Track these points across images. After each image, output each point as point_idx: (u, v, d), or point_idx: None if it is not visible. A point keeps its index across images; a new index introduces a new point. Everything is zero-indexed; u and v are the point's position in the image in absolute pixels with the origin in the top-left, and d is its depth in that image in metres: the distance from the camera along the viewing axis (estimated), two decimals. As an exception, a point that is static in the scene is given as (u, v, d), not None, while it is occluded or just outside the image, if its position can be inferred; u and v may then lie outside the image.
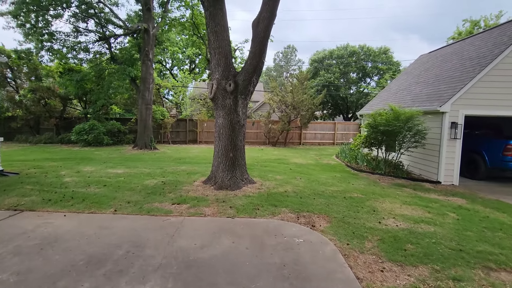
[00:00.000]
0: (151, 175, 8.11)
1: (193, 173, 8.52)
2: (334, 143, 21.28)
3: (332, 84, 24.11)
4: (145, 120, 14.26)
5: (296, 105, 17.28)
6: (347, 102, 25.85)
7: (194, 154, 13.56)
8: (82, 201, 5.51)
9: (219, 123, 6.68)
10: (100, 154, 12.68)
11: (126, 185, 6.82)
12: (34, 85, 17.32)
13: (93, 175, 7.78)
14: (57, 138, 18.02)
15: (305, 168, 10.64)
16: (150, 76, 14.30)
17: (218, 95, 6.54)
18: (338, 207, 5.59)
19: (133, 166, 9.52)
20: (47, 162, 9.92)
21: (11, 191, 5.92)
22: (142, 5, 13.77)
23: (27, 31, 12.92)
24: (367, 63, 25.18)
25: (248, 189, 6.69)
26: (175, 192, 6.33)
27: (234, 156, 6.73)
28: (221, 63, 6.55)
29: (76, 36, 14.41)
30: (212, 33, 6.51)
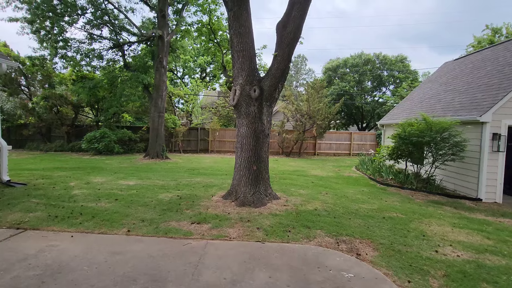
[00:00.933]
0: (165, 187, 7.53)
1: (209, 186, 7.90)
2: (351, 154, 20.47)
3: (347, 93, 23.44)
4: (157, 129, 13.83)
5: (312, 114, 16.65)
6: (362, 111, 25.08)
7: (208, 165, 12.99)
8: (91, 218, 4.93)
9: (241, 133, 6.09)
10: (111, 164, 12.22)
11: (139, 199, 6.24)
12: (47, 92, 17.21)
13: (103, 187, 7.25)
14: (68, 146, 17.76)
15: (328, 181, 9.92)
16: (164, 84, 13.94)
17: (241, 102, 5.97)
18: (380, 230, 4.86)
19: (146, 177, 8.98)
20: (56, 172, 9.47)
21: (15, 205, 5.40)
22: (157, 12, 13.56)
23: (41, 38, 12.80)
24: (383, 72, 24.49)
25: (273, 206, 6.02)
26: (193, 208, 5.71)
27: (258, 169, 6.10)
28: (245, 67, 6.01)
29: (90, 43, 14.26)
30: (236, 35, 6.00)
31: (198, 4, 10.26)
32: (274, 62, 5.93)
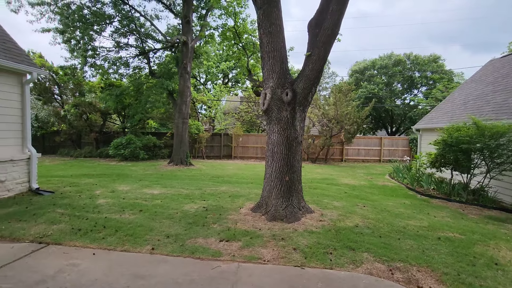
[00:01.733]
0: (190, 197, 7.18)
1: (236, 196, 7.45)
2: (381, 160, 19.29)
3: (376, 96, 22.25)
4: (181, 135, 13.70)
5: (339, 118, 15.83)
6: (392, 115, 23.71)
7: (232, 172, 12.61)
8: (114, 232, 4.62)
9: (272, 140, 5.59)
10: (136, 170, 12.19)
11: (163, 210, 5.91)
12: (77, 100, 17.80)
13: (128, 196, 7.02)
14: (96, 152, 18.21)
15: (362, 192, 9.14)
16: (188, 90, 13.84)
17: (272, 107, 5.48)
18: (439, 255, 4.12)
19: (170, 185, 8.72)
20: (83, 179, 9.49)
21: (40, 216, 5.24)
22: (182, 18, 13.54)
23: (72, 47, 13.21)
24: (415, 73, 23.04)
25: (308, 221, 5.43)
26: (220, 222, 5.26)
27: (290, 179, 5.56)
28: (276, 68, 5.53)
29: (117, 51, 14.54)
30: (266, 34, 5.55)
31: (223, 7, 10.01)
32: (308, 62, 5.39)
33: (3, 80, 6.73)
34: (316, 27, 5.84)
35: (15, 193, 6.98)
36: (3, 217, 5.11)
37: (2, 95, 6.68)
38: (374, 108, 23.66)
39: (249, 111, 22.45)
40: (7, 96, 6.82)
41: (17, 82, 7.10)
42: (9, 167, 6.84)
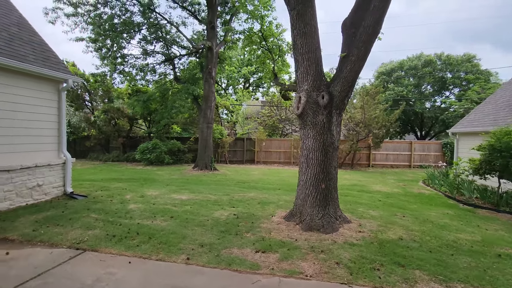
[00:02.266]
0: (218, 203, 7.04)
1: (265, 203, 7.23)
2: (411, 166, 18.33)
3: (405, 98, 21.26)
4: (206, 140, 13.73)
5: (367, 122, 15.22)
6: (422, 118, 22.57)
7: (257, 177, 12.41)
8: (148, 239, 4.54)
9: (308, 145, 5.33)
10: (162, 175, 12.32)
11: (194, 217, 5.79)
12: (106, 106, 18.46)
13: (157, 202, 7.01)
14: (123, 157, 18.72)
15: (398, 200, 8.60)
16: (212, 94, 13.89)
17: (307, 110, 5.23)
18: (505, 276, 3.66)
19: (197, 190, 8.66)
20: (113, 183, 9.67)
21: (76, 221, 5.29)
22: (207, 23, 13.67)
23: (103, 55, 13.72)
24: (446, 74, 21.83)
25: (347, 231, 5.09)
26: (253, 231, 5.05)
27: (326, 187, 5.25)
28: (311, 70, 5.29)
29: (144, 58, 14.92)
30: (300, 35, 5.33)
31: (249, 11, 9.93)
32: (347, 63, 5.10)
33: (42, 87, 6.98)
34: (351, 26, 5.57)
35: (52, 196, 7.18)
36: (42, 221, 5.21)
37: (41, 102, 6.93)
38: (403, 111, 22.65)
39: (272, 115, 22.24)
40: (45, 103, 7.07)
41: (54, 89, 7.35)
42: (46, 171, 7.05)
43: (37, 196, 6.77)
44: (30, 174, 6.62)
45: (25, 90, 6.52)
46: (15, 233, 4.64)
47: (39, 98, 6.90)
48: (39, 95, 6.89)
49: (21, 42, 6.93)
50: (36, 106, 6.81)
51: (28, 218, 5.37)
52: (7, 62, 5.88)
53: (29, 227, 4.88)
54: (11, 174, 6.16)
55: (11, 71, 6.14)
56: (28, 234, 4.61)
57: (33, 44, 7.32)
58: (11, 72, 6.16)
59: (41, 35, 7.94)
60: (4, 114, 6.06)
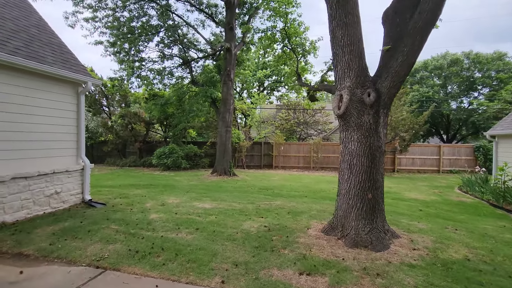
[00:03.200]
0: (244, 213, 6.48)
1: (295, 212, 6.61)
2: (440, 171, 17.22)
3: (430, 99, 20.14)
4: (225, 144, 13.27)
5: (394, 125, 14.36)
6: (448, 120, 21.36)
7: (278, 183, 11.80)
8: (175, 256, 4.02)
9: (350, 150, 4.70)
10: (181, 181, 11.91)
11: (222, 229, 5.25)
12: (123, 111, 18.40)
13: (180, 211, 6.52)
14: (140, 162, 18.55)
15: (439, 209, 7.79)
16: (231, 97, 13.46)
17: (351, 110, 4.62)
18: None
19: (219, 198, 8.14)
20: (132, 190, 9.30)
21: (95, 233, 4.85)
22: (225, 24, 13.32)
23: (121, 58, 13.59)
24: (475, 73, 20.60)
25: (399, 249, 4.41)
26: (291, 247, 4.45)
27: (374, 197, 4.60)
28: (354, 65, 4.69)
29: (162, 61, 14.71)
30: (340, 26, 4.75)
31: (272, 8, 9.45)
32: (397, 56, 4.47)
33: (61, 90, 6.69)
34: (395, 15, 4.97)
35: (70, 204, 6.83)
36: (59, 233, 4.79)
37: (60, 105, 6.62)
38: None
39: (289, 118, 21.64)
40: (64, 106, 6.76)
41: (73, 92, 7.05)
42: (64, 178, 6.72)
43: (55, 204, 6.43)
44: (48, 181, 6.29)
45: (43, 92, 6.22)
46: (31, 247, 4.23)
47: (58, 101, 6.60)
48: (57, 98, 6.59)
49: (40, 44, 6.68)
50: (54, 110, 6.51)
51: (45, 229, 4.98)
52: (24, 63, 5.58)
53: (46, 240, 4.47)
54: (28, 181, 5.84)
55: (29, 72, 5.85)
56: (44, 248, 4.19)
57: (52, 46, 7.07)
58: (29, 74, 5.87)
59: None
60: (21, 117, 5.75)
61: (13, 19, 6.67)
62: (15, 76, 5.63)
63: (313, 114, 21.54)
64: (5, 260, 3.89)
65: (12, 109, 5.60)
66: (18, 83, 5.70)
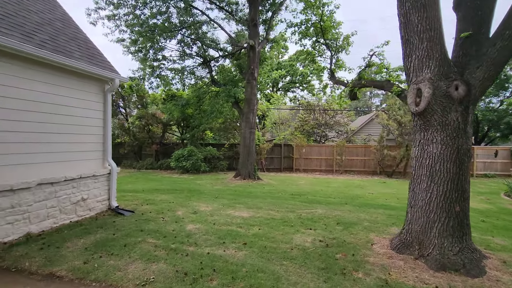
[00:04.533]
0: (289, 224, 5.80)
1: (345, 224, 5.89)
2: (473, 175, 16.15)
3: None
4: (249, 146, 12.64)
5: (428, 125, 13.46)
6: (477, 121, 20.25)
7: (308, 188, 11.07)
8: (231, 280, 3.38)
9: (432, 153, 3.98)
10: (204, 185, 11.31)
11: (272, 244, 4.58)
12: (141, 112, 18.01)
13: (217, 221, 5.88)
14: (156, 164, 18.10)
15: (500, 219, 6.97)
16: (255, 97, 12.85)
17: (433, 106, 3.89)
18: None
19: (254, 205, 7.48)
20: (156, 195, 8.74)
21: (132, 248, 4.25)
22: (248, 21, 12.73)
23: (143, 57, 13.14)
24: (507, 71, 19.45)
25: (497, 273, 3.65)
26: (363, 269, 3.74)
27: (462, 210, 3.86)
28: (435, 53, 3.97)
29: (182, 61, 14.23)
30: (416, 8, 4.05)
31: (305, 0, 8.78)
32: (495, 41, 3.73)
33: (87, 87, 6.17)
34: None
35: (96, 212, 6.29)
36: (92, 248, 4.21)
37: (86, 104, 6.10)
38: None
39: (309, 120, 20.90)
40: (90, 105, 6.24)
41: (99, 90, 6.53)
42: (91, 183, 6.18)
43: (81, 212, 5.89)
44: (74, 186, 5.75)
45: (70, 90, 5.69)
46: (63, 266, 3.65)
47: (84, 100, 6.08)
48: (84, 96, 6.07)
49: (66, 38, 6.18)
50: (81, 109, 5.98)
51: (75, 243, 4.41)
52: (53, 58, 5.06)
53: (79, 257, 3.89)
54: (54, 187, 5.30)
55: (55, 68, 5.33)
56: (79, 268, 3.60)
57: (78, 40, 6.57)
58: (55, 70, 5.35)
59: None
60: (47, 117, 5.23)
61: (38, 12, 6.19)
62: (41, 72, 5.11)
63: (333, 115, 20.74)
64: (36, 283, 3.31)
65: (40, 108, 5.08)
66: (44, 79, 5.19)
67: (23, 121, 4.79)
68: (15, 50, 4.47)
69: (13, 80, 4.63)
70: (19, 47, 4.48)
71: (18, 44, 4.49)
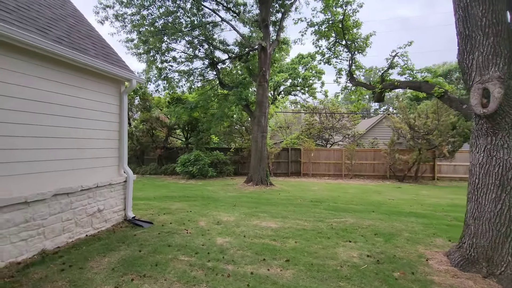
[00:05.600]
0: (323, 235, 5.36)
1: (383, 234, 5.47)
2: None
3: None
4: (261, 151, 12.19)
5: (443, 129, 13.20)
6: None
7: (324, 194, 10.64)
8: (290, 308, 2.92)
9: (503, 160, 3.59)
10: (216, 191, 10.82)
11: (318, 261, 4.14)
12: (145, 115, 17.49)
13: (245, 233, 5.42)
14: (160, 169, 17.57)
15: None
16: (266, 100, 12.45)
17: (505, 108, 3.52)
18: None
19: (278, 214, 7.04)
20: (170, 203, 8.25)
21: (165, 267, 3.77)
22: (259, 22, 12.36)
23: (150, 58, 12.67)
24: None
25: None
26: (433, 291, 3.32)
27: (539, 223, 3.46)
28: (502, 50, 3.61)
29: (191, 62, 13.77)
30: (479, 1, 3.70)
31: (325, 0, 8.46)
32: None
33: (103, 89, 5.70)
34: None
35: (112, 224, 5.78)
36: (120, 268, 3.72)
37: (102, 106, 5.62)
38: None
39: (315, 123, 20.57)
40: (106, 108, 5.76)
41: (115, 91, 6.07)
42: (106, 192, 5.68)
43: (97, 225, 5.38)
44: (90, 197, 5.25)
45: (84, 91, 5.22)
46: (92, 292, 3.16)
47: (100, 102, 5.61)
48: (99, 98, 5.60)
49: (80, 35, 5.72)
50: (96, 112, 5.51)
51: (99, 262, 3.91)
52: (71, 55, 4.60)
53: (108, 281, 3.40)
54: (70, 198, 4.80)
55: (71, 67, 4.86)
56: (110, 295, 3.11)
57: (92, 38, 6.11)
58: (70, 69, 4.88)
59: (98, 30, 6.76)
60: (63, 121, 4.75)
61: (49, 6, 5.72)
62: (56, 71, 4.64)
63: (340, 118, 20.45)
64: (64, 316, 2.82)
65: (55, 111, 4.60)
66: (59, 79, 4.71)
67: (36, 125, 4.29)
68: (32, 46, 4.00)
69: (24, 79, 4.15)
70: (38, 44, 4.02)
71: (37, 41, 4.02)
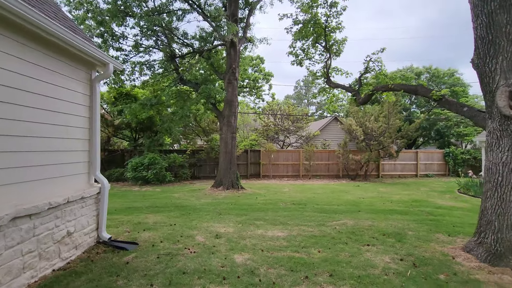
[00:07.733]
0: (338, 240, 5.10)
1: (393, 234, 5.51)
2: (417, 175, 18.34)
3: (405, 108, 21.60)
4: (231, 153, 11.43)
5: (392, 132, 14.62)
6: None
7: (300, 195, 10.53)
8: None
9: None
10: (186, 199, 9.67)
11: (360, 271, 3.81)
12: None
13: (259, 246, 4.77)
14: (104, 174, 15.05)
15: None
16: (236, 99, 11.76)
17: (532, 110, 3.77)
18: None
19: (274, 220, 6.53)
20: (141, 216, 6.94)
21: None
22: (229, 16, 11.63)
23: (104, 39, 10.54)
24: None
25: None
26: (488, 291, 3.31)
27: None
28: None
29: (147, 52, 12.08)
30: (504, 9, 3.95)
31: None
32: None
33: (70, 73, 4.33)
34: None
35: (84, 249, 4.43)
36: (140, 316, 2.70)
37: (66, 95, 4.23)
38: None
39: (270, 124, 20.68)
40: (74, 98, 4.39)
41: (85, 78, 4.71)
42: (77, 209, 4.31)
43: (65, 253, 4.01)
44: (58, 216, 3.88)
45: (47, 73, 3.83)
46: None
47: (68, 90, 4.24)
48: (67, 84, 4.23)
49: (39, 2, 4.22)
50: (65, 103, 4.14)
51: (102, 310, 2.79)
52: (36, 18, 3.27)
53: None
54: (34, 221, 3.42)
55: (35, 39, 3.50)
56: None
57: (50, 5, 4.62)
58: (34, 42, 3.52)
59: None
60: (23, 113, 3.36)
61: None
62: (18, 44, 3.26)
63: (295, 120, 21.00)
64: None
65: (13, 99, 3.21)
66: (20, 54, 3.33)
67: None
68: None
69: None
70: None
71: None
